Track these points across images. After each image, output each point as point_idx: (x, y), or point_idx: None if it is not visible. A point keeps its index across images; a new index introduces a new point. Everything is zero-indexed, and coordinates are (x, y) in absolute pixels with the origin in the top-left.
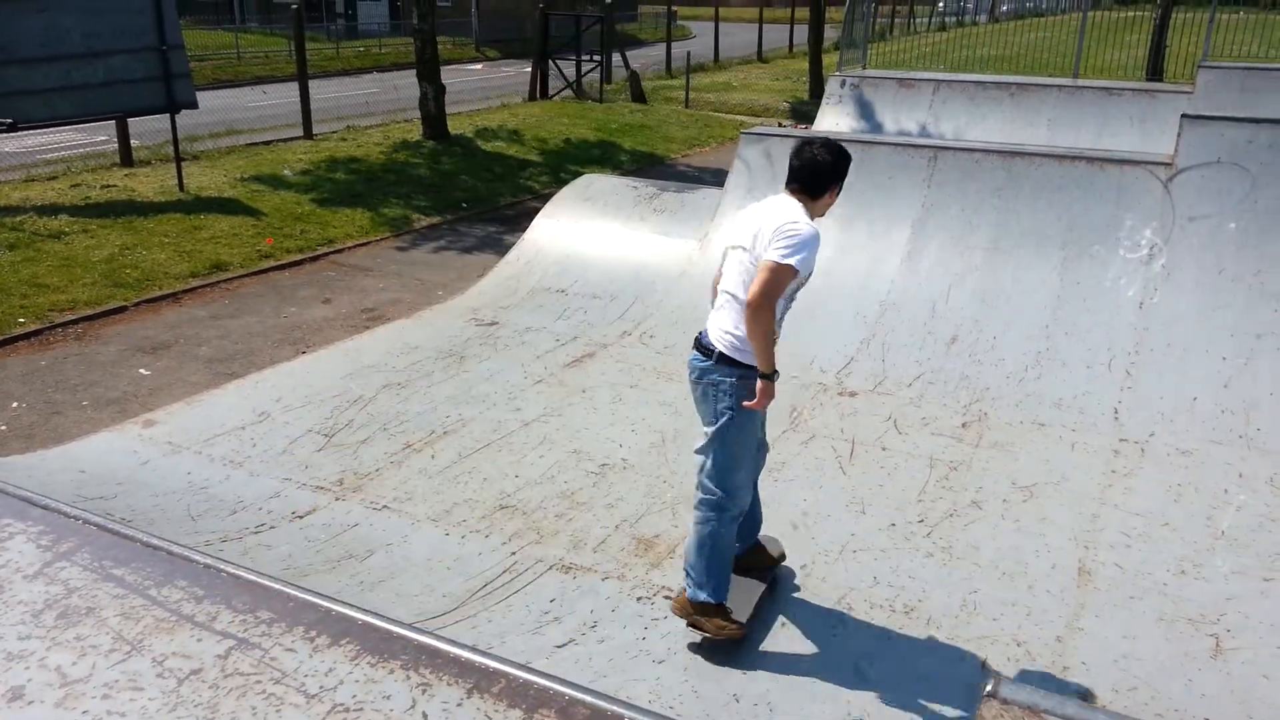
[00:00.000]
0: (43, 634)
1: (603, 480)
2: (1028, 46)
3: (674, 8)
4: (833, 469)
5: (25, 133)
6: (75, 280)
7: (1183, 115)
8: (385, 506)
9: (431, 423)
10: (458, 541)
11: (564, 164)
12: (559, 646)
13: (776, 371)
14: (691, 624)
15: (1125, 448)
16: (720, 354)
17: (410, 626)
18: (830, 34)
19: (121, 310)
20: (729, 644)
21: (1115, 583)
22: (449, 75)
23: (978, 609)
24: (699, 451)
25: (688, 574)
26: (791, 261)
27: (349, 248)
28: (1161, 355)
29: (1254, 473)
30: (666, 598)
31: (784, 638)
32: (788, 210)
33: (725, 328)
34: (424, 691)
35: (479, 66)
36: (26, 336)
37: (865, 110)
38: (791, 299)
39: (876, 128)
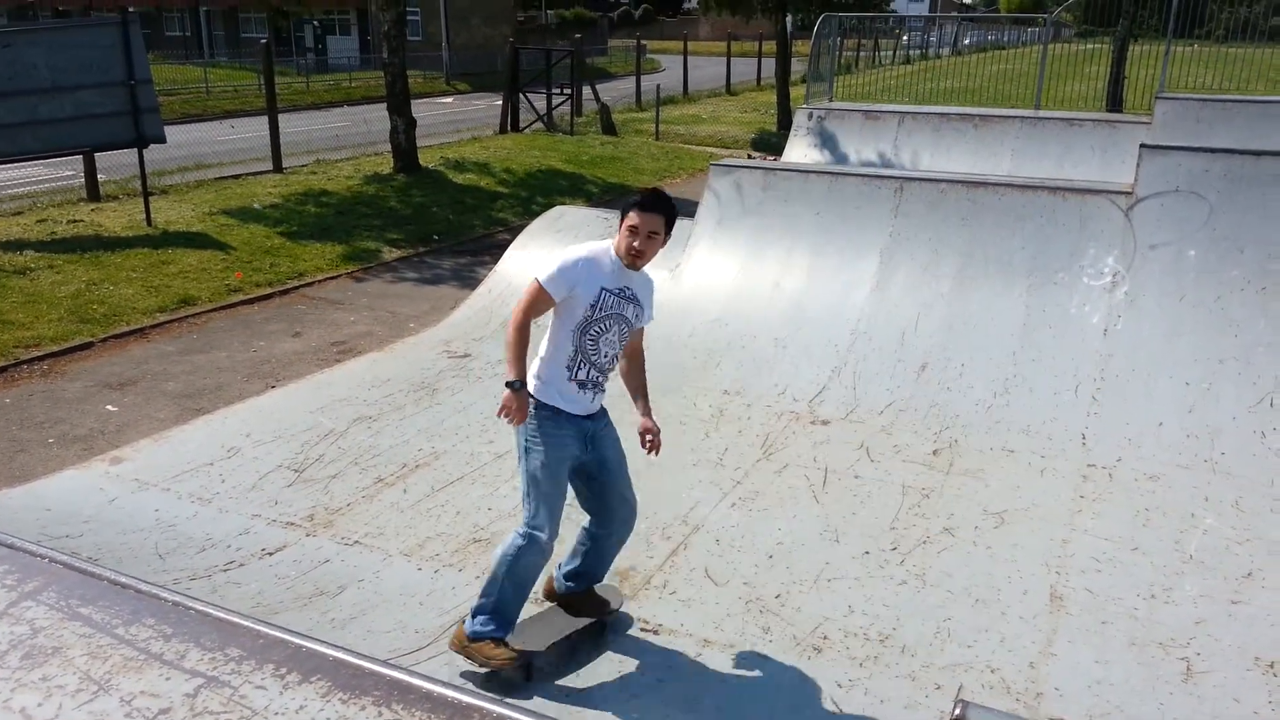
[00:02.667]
0: (7, 675)
1: (577, 511)
2: (990, 79)
3: (643, 41)
4: (806, 498)
5: None
6: (41, 316)
7: (1141, 145)
8: (357, 542)
9: (404, 456)
10: (431, 576)
11: (535, 196)
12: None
13: (520, 383)
14: (464, 654)
15: (1093, 473)
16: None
17: (382, 662)
18: (797, 67)
19: (88, 346)
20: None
21: (1086, 608)
22: (420, 109)
23: (951, 636)
24: None
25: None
26: (538, 276)
27: (319, 281)
28: (1127, 381)
29: (1219, 496)
30: (643, 630)
31: (760, 667)
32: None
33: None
34: None
35: (450, 100)
36: None
37: (832, 142)
38: (587, 330)
39: (843, 159)
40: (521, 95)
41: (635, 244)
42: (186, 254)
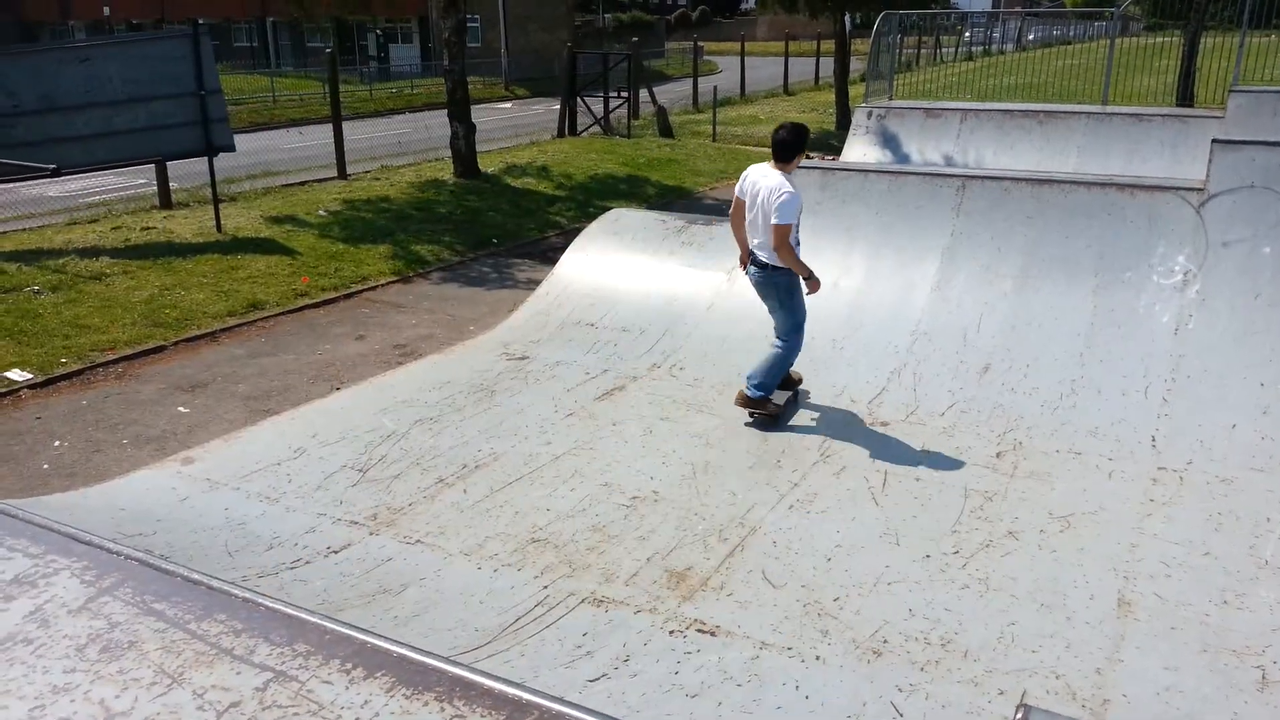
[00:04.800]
0: (87, 668)
1: (634, 513)
2: (1056, 74)
3: (700, 43)
4: (865, 500)
5: (68, 177)
6: (116, 320)
7: (1213, 140)
8: (419, 541)
9: (463, 457)
10: (490, 575)
11: (592, 199)
12: (591, 681)
13: (810, 275)
14: (750, 409)
15: (1164, 476)
16: (771, 266)
17: (445, 659)
18: (856, 66)
19: (161, 350)
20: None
21: (1156, 613)
22: (479, 114)
23: (1015, 641)
24: (774, 316)
25: (750, 379)
26: (785, 222)
27: (382, 285)
28: (1198, 382)
29: None
30: (699, 631)
31: (819, 670)
32: (773, 179)
33: (765, 254)
34: None
35: (509, 105)
36: (68, 376)
37: (892, 141)
38: (798, 227)
39: (904, 158)
40: (579, 99)
41: None
42: (255, 259)
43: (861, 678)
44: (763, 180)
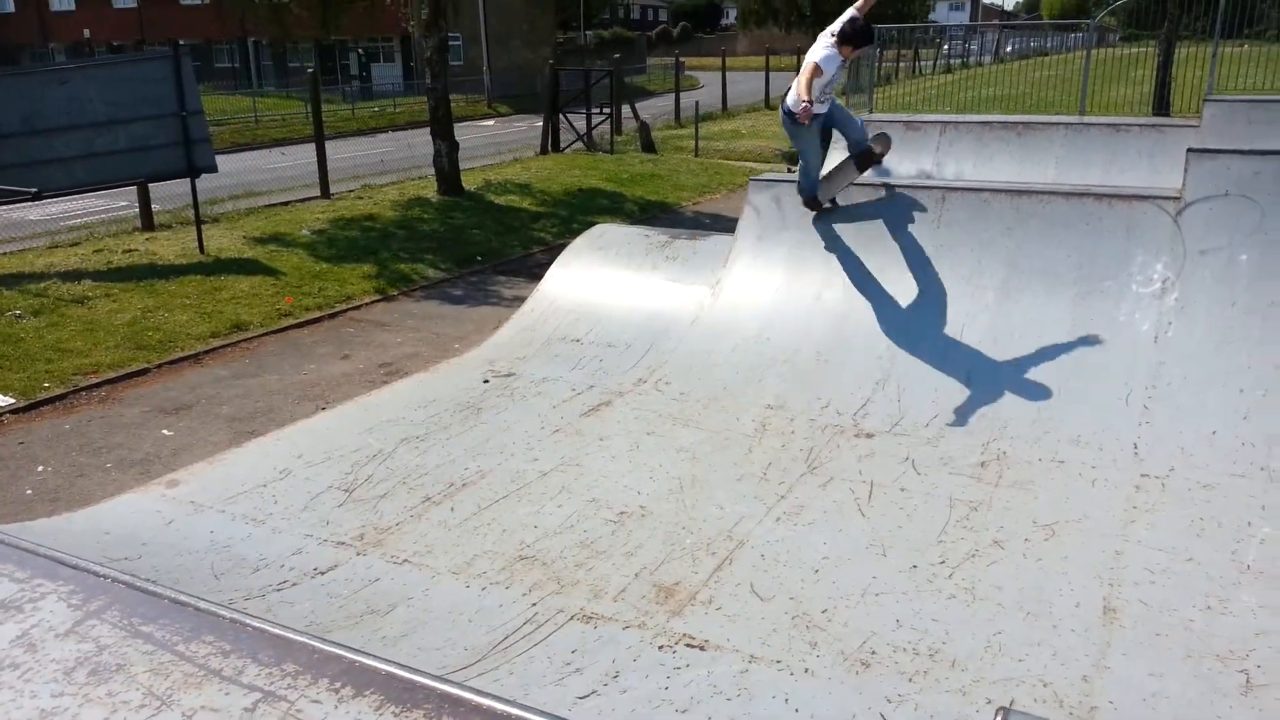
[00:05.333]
0: (75, 691)
1: (621, 528)
2: (1033, 85)
3: (682, 59)
4: (852, 511)
5: (49, 200)
6: (99, 344)
7: (1189, 149)
8: (406, 560)
9: (450, 475)
10: (478, 593)
11: (576, 215)
12: (581, 698)
13: (809, 101)
14: (811, 209)
15: (1146, 483)
16: (787, 112)
17: (433, 676)
18: None
19: (144, 372)
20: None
21: (1141, 620)
22: (462, 132)
23: (1002, 650)
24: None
25: (799, 182)
26: (814, 60)
27: (366, 304)
28: (1179, 389)
29: (1277, 505)
30: (688, 646)
31: (808, 682)
32: (821, 46)
33: (791, 100)
34: None
35: (491, 122)
36: (51, 401)
37: None
38: (827, 88)
39: (884, 171)
40: (561, 116)
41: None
42: (238, 280)
43: (850, 689)
44: (817, 46)
